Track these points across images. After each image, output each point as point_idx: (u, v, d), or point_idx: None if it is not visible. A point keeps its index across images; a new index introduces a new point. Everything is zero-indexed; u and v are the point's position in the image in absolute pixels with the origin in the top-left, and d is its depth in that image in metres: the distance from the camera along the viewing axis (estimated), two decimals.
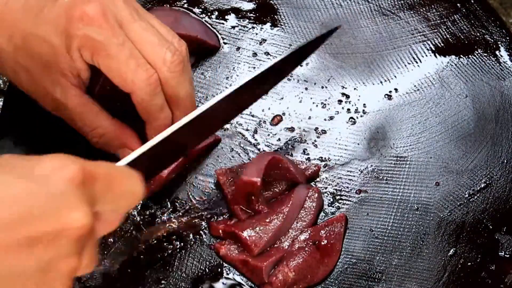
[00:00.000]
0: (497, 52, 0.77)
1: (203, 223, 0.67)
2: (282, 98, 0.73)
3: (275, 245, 0.65)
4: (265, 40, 0.76)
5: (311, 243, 0.65)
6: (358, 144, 0.72)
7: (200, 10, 0.77)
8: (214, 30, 0.76)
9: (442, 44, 0.77)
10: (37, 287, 0.40)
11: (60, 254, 0.40)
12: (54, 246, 0.40)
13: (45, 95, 0.62)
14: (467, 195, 0.70)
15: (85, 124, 0.62)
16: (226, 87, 0.74)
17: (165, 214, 0.67)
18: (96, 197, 0.43)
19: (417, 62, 0.76)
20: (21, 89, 0.63)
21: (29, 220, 0.39)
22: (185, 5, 0.76)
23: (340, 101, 0.74)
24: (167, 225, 0.67)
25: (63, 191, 0.40)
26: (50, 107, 0.63)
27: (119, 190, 0.45)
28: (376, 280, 0.66)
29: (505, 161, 0.72)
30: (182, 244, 0.66)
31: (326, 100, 0.74)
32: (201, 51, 0.74)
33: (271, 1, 0.78)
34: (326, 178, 0.70)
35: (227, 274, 0.65)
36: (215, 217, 0.68)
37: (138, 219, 0.67)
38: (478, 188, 0.70)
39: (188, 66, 0.62)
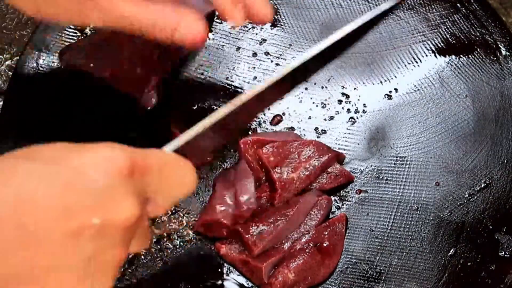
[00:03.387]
0: (497, 52, 0.77)
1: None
2: (282, 98, 0.73)
3: (276, 246, 0.65)
4: (265, 40, 0.76)
5: (312, 245, 0.65)
6: (358, 144, 0.72)
7: None
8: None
9: (442, 44, 0.77)
10: (83, 277, 0.40)
11: (105, 245, 0.40)
12: (100, 237, 0.39)
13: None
14: (467, 195, 0.70)
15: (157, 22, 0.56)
16: (226, 87, 0.74)
17: (165, 214, 0.67)
18: (145, 186, 0.42)
19: (417, 62, 0.76)
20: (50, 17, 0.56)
21: (74, 212, 0.38)
22: None
23: (340, 101, 0.74)
24: (167, 225, 0.67)
25: (110, 182, 0.40)
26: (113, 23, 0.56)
27: (171, 180, 0.44)
28: (376, 280, 0.66)
29: (505, 161, 0.72)
30: (182, 244, 0.66)
31: (326, 100, 0.74)
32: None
33: (271, 1, 0.78)
34: None
35: (227, 274, 0.65)
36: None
37: None
38: (478, 188, 0.70)
39: None
